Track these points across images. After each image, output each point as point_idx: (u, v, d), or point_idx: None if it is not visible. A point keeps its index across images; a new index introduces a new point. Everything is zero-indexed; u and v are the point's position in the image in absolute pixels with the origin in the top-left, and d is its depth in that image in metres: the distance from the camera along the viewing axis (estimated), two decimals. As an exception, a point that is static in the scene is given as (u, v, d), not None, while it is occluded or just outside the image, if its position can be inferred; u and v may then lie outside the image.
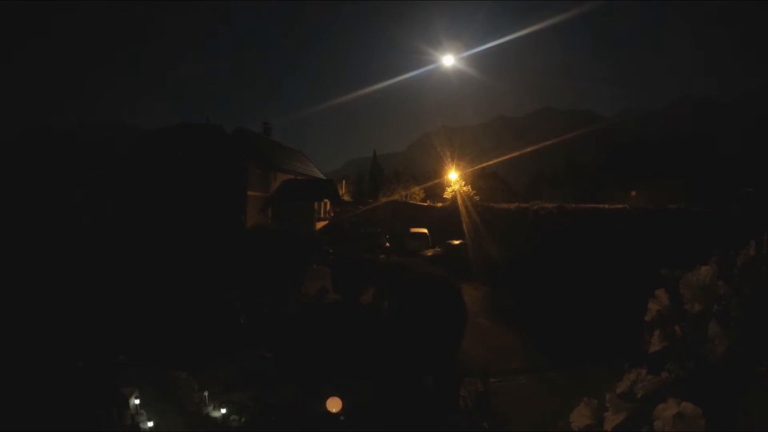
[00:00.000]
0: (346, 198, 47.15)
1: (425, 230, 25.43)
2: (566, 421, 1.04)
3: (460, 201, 25.43)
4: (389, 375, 7.68)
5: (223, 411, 6.93)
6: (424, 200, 34.13)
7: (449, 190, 28.03)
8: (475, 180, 29.57)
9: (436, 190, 34.41)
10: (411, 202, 34.01)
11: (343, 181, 53.81)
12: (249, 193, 27.68)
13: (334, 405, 6.50)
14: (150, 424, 6.41)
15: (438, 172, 33.97)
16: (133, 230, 21.68)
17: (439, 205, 29.27)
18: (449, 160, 31.04)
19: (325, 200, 35.26)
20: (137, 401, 6.63)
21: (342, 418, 6.52)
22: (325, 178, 40.77)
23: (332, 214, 35.44)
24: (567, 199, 20.73)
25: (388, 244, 25.17)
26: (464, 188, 26.47)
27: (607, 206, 16.09)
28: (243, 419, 6.84)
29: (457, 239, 22.40)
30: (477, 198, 25.74)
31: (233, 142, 29.44)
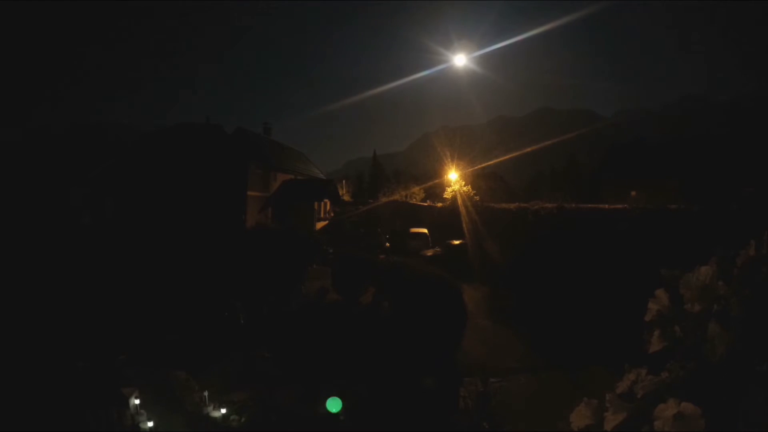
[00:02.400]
0: (346, 198, 47.11)
1: (425, 230, 25.42)
2: (566, 421, 1.04)
3: (460, 201, 25.42)
4: (389, 375, 7.68)
5: (223, 411, 6.93)
6: (424, 200, 34.11)
7: (449, 190, 28.02)
8: (475, 180, 29.54)
9: (436, 190, 34.39)
10: (411, 202, 33.99)
11: (343, 181, 53.76)
12: (249, 193, 27.67)
13: (334, 405, 6.50)
14: (150, 424, 6.41)
15: (438, 172, 33.94)
16: (134, 230, 21.68)
17: (439, 205, 29.26)
18: (449, 160, 31.03)
19: (325, 200, 35.26)
20: (137, 401, 6.63)
21: (342, 418, 6.52)
22: (325, 178, 40.78)
23: (332, 214, 35.42)
24: (567, 199, 20.71)
25: (388, 244, 25.16)
26: (464, 188, 26.46)
27: (607, 206, 16.08)
28: (243, 419, 6.84)
29: (457, 239, 22.40)
30: (477, 198, 25.73)
31: (233, 142, 29.44)
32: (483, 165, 37.74)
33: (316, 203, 32.15)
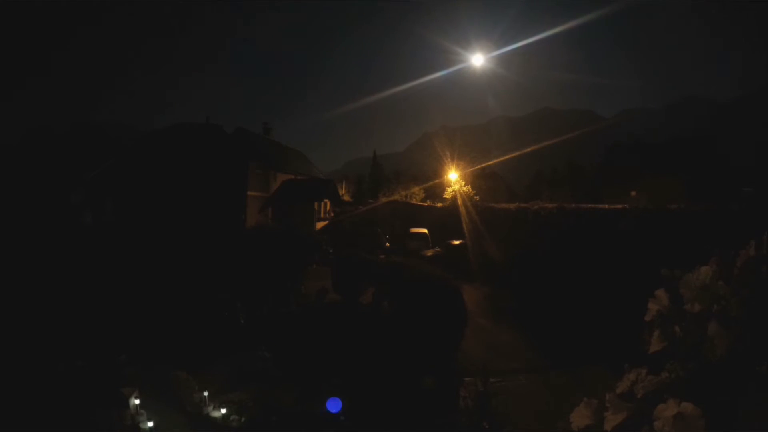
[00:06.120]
0: (346, 198, 47.09)
1: (425, 230, 25.41)
2: (566, 421, 1.04)
3: (460, 201, 25.41)
4: (389, 375, 7.68)
5: (223, 411, 6.93)
6: (424, 200, 34.10)
7: (449, 190, 28.00)
8: (475, 180, 29.53)
9: (436, 190, 34.37)
10: (411, 202, 33.97)
11: (343, 181, 53.78)
12: (249, 193, 27.67)
13: (334, 405, 6.49)
14: (150, 424, 6.41)
15: (438, 172, 33.93)
16: (134, 230, 21.68)
17: (439, 205, 29.24)
18: (449, 160, 31.02)
19: (325, 200, 35.26)
20: (137, 401, 6.62)
21: (342, 418, 6.52)
22: (324, 178, 40.78)
23: (332, 214, 35.42)
24: (567, 199, 20.70)
25: (388, 244, 25.15)
26: (464, 188, 26.45)
27: (607, 206, 16.06)
28: (243, 419, 6.83)
29: (457, 239, 22.39)
30: (477, 198, 25.72)
31: (233, 142, 29.44)
32: (483, 165, 37.74)
33: (316, 203, 32.15)
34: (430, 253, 21.84)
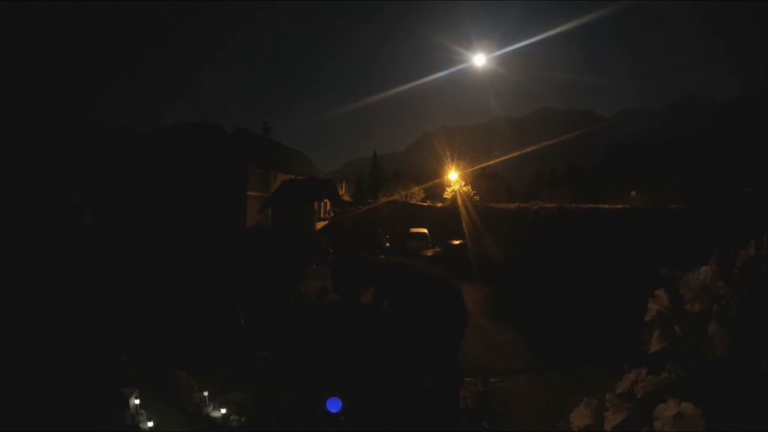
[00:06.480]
0: (346, 198, 47.08)
1: (425, 230, 25.41)
2: (566, 421, 1.04)
3: (460, 201, 25.40)
4: (389, 375, 7.68)
5: (223, 411, 6.93)
6: (423, 200, 34.08)
7: (449, 190, 28.00)
8: (475, 180, 29.52)
9: (436, 190, 34.35)
10: (411, 202, 33.95)
11: (343, 181, 53.78)
12: (249, 193, 27.66)
13: (334, 405, 6.50)
14: (150, 424, 6.41)
15: (438, 172, 33.92)
16: (134, 230, 21.68)
17: (439, 205, 29.24)
18: (449, 160, 31.01)
19: (325, 200, 35.25)
20: (137, 401, 6.62)
21: (342, 418, 6.52)
22: (324, 178, 40.77)
23: (332, 214, 35.41)
24: (567, 199, 20.69)
25: (388, 244, 25.15)
26: (464, 188, 26.45)
27: (607, 206, 16.06)
28: (243, 419, 6.83)
29: (457, 239, 22.39)
30: (477, 198, 25.71)
31: (233, 142, 29.44)
32: (483, 165, 37.75)
33: (316, 203, 32.14)
34: (430, 253, 21.83)
